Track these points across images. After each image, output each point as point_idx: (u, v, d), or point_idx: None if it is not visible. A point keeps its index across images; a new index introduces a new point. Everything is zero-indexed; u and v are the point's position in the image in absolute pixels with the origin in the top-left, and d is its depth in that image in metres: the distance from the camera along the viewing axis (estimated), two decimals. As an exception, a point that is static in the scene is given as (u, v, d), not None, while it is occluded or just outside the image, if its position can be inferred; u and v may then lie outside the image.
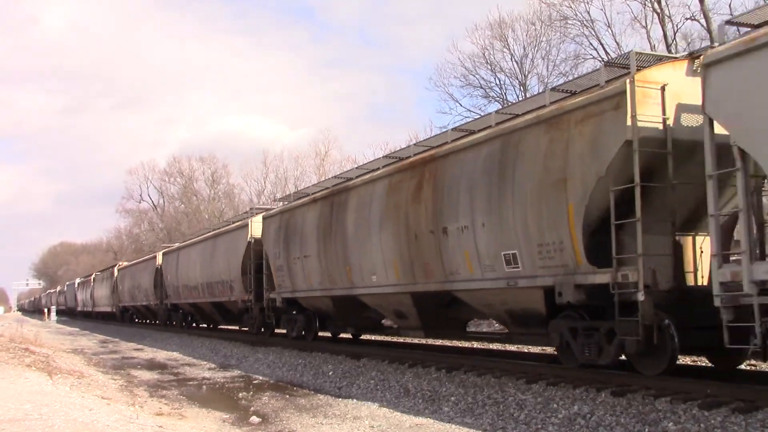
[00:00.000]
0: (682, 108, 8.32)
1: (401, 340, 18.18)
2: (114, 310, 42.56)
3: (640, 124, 8.11)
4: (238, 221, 22.62)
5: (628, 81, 8.22)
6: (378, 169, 13.90)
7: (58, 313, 70.40)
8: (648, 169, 8.21)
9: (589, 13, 28.80)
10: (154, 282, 31.64)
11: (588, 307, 9.00)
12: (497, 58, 33.42)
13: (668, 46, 25.35)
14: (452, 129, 12.53)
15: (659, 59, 8.87)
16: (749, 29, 7.77)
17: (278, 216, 17.74)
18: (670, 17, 26.36)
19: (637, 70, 8.41)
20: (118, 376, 15.73)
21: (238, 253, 20.55)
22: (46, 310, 74.18)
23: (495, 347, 14.72)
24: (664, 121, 8.31)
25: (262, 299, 19.09)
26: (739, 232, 7.36)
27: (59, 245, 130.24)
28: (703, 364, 10.49)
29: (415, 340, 17.05)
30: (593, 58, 28.99)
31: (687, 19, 25.51)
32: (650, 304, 8.06)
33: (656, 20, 26.89)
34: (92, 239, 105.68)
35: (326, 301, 15.58)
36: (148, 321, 37.46)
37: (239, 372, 15.73)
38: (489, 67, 33.72)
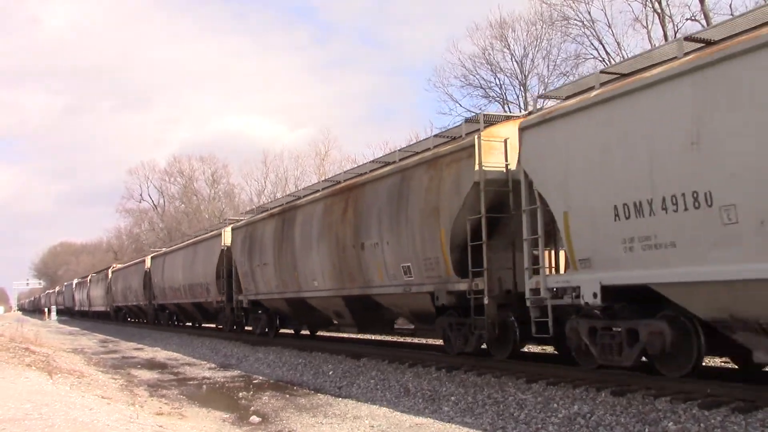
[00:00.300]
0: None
1: (400, 339, 18.33)
2: (108, 309, 45.10)
3: (486, 168, 10.48)
4: (214, 231, 25.08)
5: (476, 136, 10.56)
6: (319, 191, 16.40)
7: (58, 312, 70.45)
8: (497, 202, 10.55)
9: (590, 13, 28.83)
10: (144, 284, 34.19)
11: (458, 308, 11.38)
12: (497, 59, 33.46)
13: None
14: (371, 161, 15.07)
15: (506, 118, 11.32)
16: (560, 100, 9.91)
17: (244, 228, 20.29)
18: (670, 17, 26.39)
19: (485, 127, 10.79)
20: (118, 375, 15.74)
21: (213, 260, 23.12)
22: (46, 309, 74.23)
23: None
24: (506, 166, 10.59)
25: (233, 300, 21.73)
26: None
27: (59, 245, 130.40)
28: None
29: (415, 340, 17.47)
30: (594, 58, 29.03)
31: (687, 19, 25.55)
32: (494, 307, 10.51)
33: (657, 20, 26.91)
34: (92, 239, 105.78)
35: (282, 302, 18.06)
36: (138, 320, 40.10)
37: (239, 372, 15.74)
38: (489, 67, 33.77)
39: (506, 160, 10.61)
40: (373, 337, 19.18)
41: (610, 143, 8.19)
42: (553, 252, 10.55)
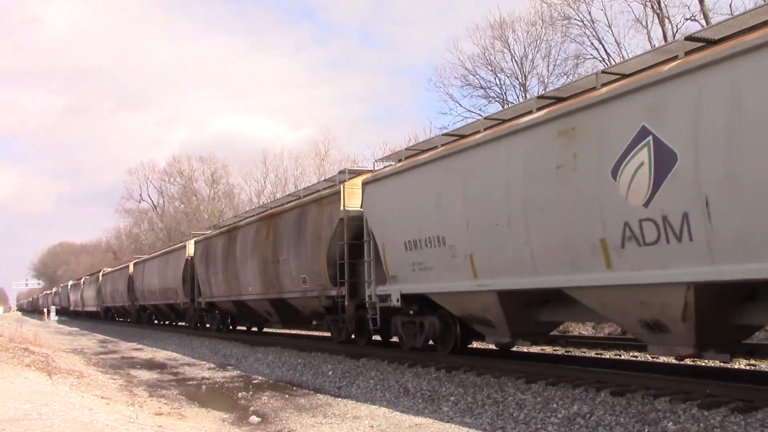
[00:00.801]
0: None
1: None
2: (98, 309, 49.58)
3: (348, 209, 14.64)
4: (180, 244, 29.85)
5: (342, 186, 14.85)
6: (253, 216, 20.96)
7: (56, 312, 70.48)
8: (359, 232, 14.14)
9: (590, 13, 28.84)
10: (128, 287, 38.56)
11: (335, 308, 15.23)
12: (498, 59, 33.46)
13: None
14: (287, 195, 20.23)
15: (367, 172, 14.62)
16: (395, 162, 13.51)
17: (203, 242, 24.99)
18: (669, 18, 26.39)
19: (350, 178, 15.01)
20: (118, 375, 15.73)
21: (180, 267, 27.52)
22: (45, 310, 74.20)
23: (494, 347, 14.71)
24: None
25: (195, 302, 26.29)
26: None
27: (59, 245, 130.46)
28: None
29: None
30: (594, 58, 29.03)
31: (687, 19, 25.55)
32: (352, 308, 14.56)
33: (657, 21, 26.91)
34: (92, 239, 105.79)
35: (229, 304, 22.48)
36: (124, 319, 44.66)
37: (239, 372, 15.74)
38: (489, 68, 33.77)
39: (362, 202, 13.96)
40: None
41: (403, 200, 12.19)
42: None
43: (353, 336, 15.71)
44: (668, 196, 7.16)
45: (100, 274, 49.29)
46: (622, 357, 12.52)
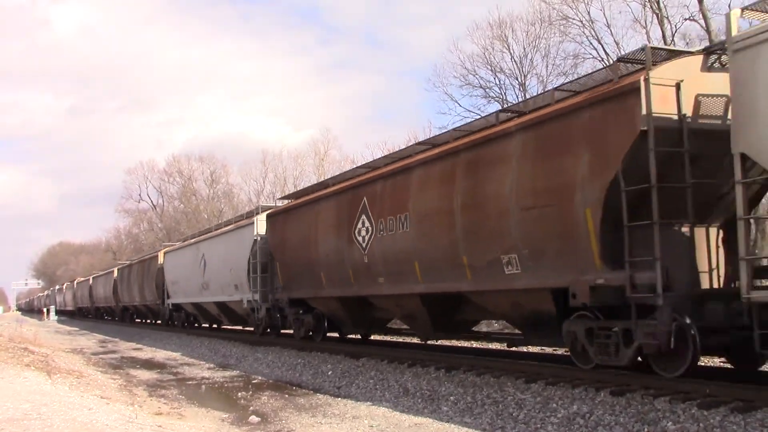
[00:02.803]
0: None
1: (399, 339, 18.30)
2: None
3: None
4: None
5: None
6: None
7: (57, 312, 70.47)
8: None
9: (589, 12, 28.81)
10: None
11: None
12: (497, 59, 33.43)
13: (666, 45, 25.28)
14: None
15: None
16: None
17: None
18: (668, 18, 26.36)
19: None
20: (117, 375, 15.73)
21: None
22: (45, 310, 74.13)
23: (494, 347, 14.73)
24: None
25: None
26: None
27: (58, 245, 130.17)
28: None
29: (414, 340, 17.41)
30: (593, 58, 28.99)
31: (686, 19, 25.51)
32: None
33: (656, 21, 26.89)
34: (91, 239, 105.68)
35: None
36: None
37: (238, 372, 15.74)
38: (489, 67, 33.73)
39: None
40: (372, 337, 19.26)
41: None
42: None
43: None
44: None
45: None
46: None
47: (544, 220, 9.11)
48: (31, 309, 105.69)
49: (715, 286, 8.81)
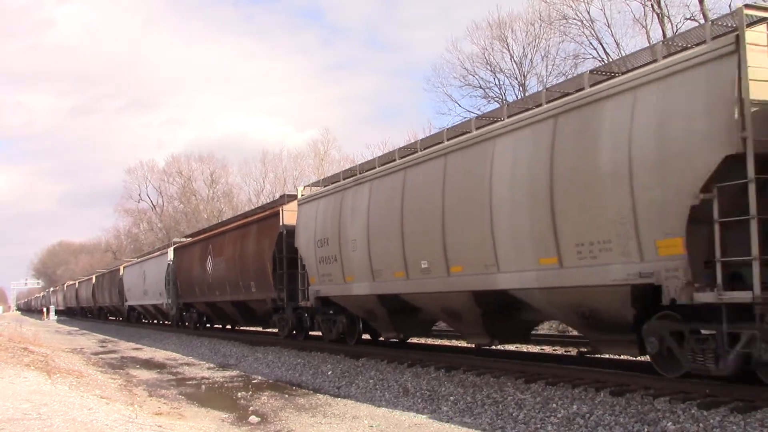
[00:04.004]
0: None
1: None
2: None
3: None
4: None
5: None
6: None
7: (56, 312, 70.48)
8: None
9: (589, 12, 28.81)
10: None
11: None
12: (497, 59, 33.44)
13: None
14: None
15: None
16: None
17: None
18: (669, 17, 26.36)
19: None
20: (117, 375, 15.72)
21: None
22: (45, 309, 74.13)
23: (495, 348, 14.71)
24: None
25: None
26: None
27: (58, 245, 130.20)
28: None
29: (414, 340, 17.43)
30: (593, 57, 28.99)
31: (687, 19, 25.51)
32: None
33: (656, 20, 26.90)
34: (91, 239, 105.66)
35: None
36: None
37: (238, 372, 15.73)
38: (488, 67, 33.75)
39: None
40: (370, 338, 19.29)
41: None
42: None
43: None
44: None
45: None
46: (622, 357, 12.51)
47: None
48: (29, 309, 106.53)
49: None
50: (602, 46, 28.93)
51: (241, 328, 25.72)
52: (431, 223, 10.97)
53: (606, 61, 27.29)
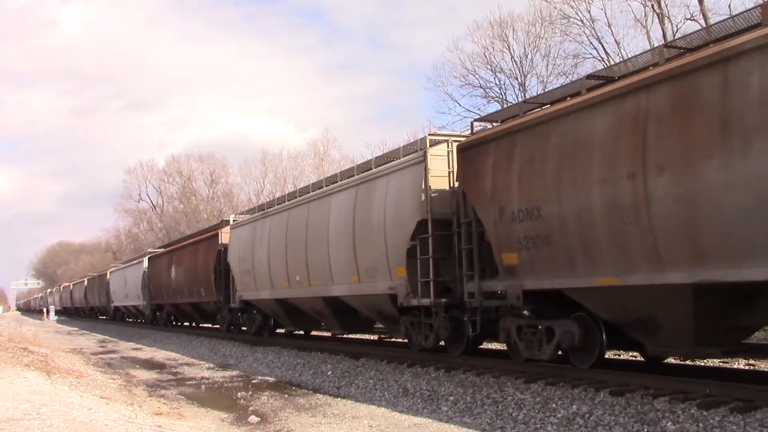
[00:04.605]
0: None
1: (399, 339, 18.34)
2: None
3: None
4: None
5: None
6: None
7: (56, 312, 70.51)
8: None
9: (589, 12, 28.82)
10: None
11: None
12: (497, 58, 33.45)
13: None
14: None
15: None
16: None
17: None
18: (669, 17, 26.37)
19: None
20: (117, 375, 15.73)
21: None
22: (44, 309, 74.16)
23: (496, 347, 14.72)
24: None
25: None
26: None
27: (58, 245, 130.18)
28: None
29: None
30: (593, 57, 29.01)
31: (687, 19, 25.53)
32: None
33: (657, 20, 26.90)
34: (91, 239, 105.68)
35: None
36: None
37: (238, 371, 15.73)
38: (489, 67, 33.75)
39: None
40: (370, 337, 19.31)
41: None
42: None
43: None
44: None
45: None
46: (621, 357, 12.52)
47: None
48: (29, 309, 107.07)
49: None
50: (602, 46, 28.96)
51: (200, 325, 29.27)
52: (301, 249, 15.69)
53: (606, 62, 27.31)
